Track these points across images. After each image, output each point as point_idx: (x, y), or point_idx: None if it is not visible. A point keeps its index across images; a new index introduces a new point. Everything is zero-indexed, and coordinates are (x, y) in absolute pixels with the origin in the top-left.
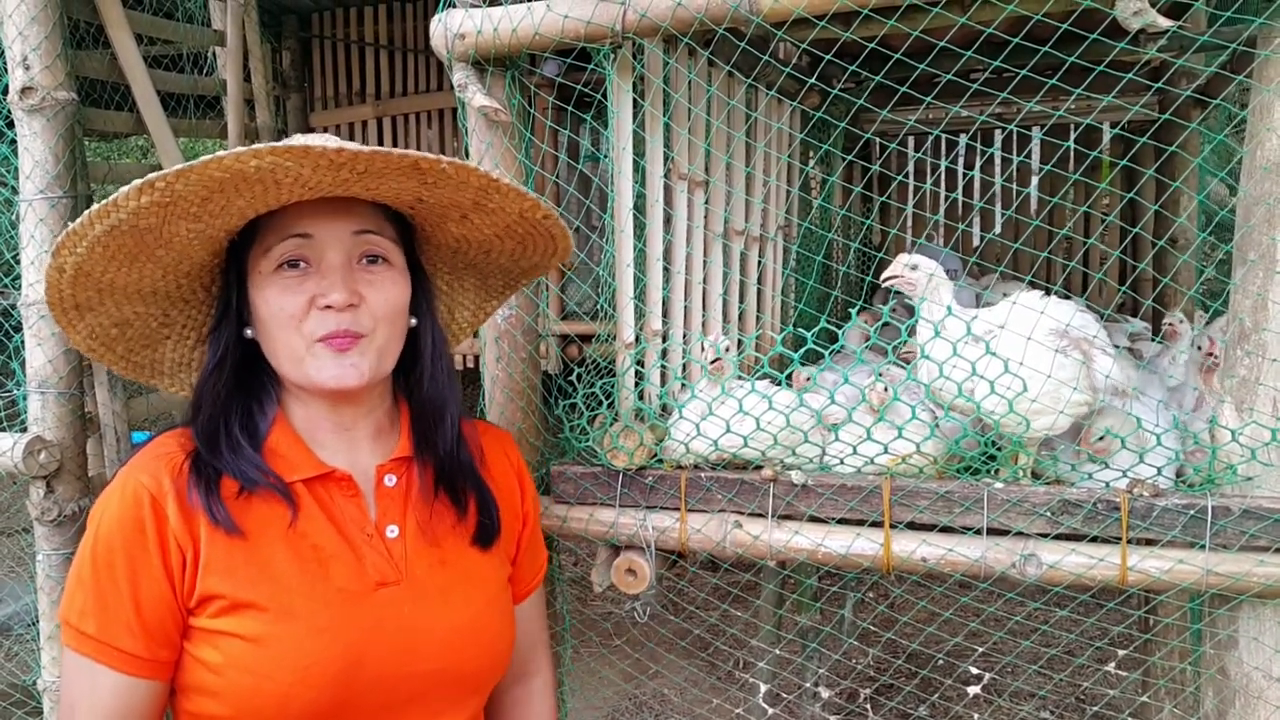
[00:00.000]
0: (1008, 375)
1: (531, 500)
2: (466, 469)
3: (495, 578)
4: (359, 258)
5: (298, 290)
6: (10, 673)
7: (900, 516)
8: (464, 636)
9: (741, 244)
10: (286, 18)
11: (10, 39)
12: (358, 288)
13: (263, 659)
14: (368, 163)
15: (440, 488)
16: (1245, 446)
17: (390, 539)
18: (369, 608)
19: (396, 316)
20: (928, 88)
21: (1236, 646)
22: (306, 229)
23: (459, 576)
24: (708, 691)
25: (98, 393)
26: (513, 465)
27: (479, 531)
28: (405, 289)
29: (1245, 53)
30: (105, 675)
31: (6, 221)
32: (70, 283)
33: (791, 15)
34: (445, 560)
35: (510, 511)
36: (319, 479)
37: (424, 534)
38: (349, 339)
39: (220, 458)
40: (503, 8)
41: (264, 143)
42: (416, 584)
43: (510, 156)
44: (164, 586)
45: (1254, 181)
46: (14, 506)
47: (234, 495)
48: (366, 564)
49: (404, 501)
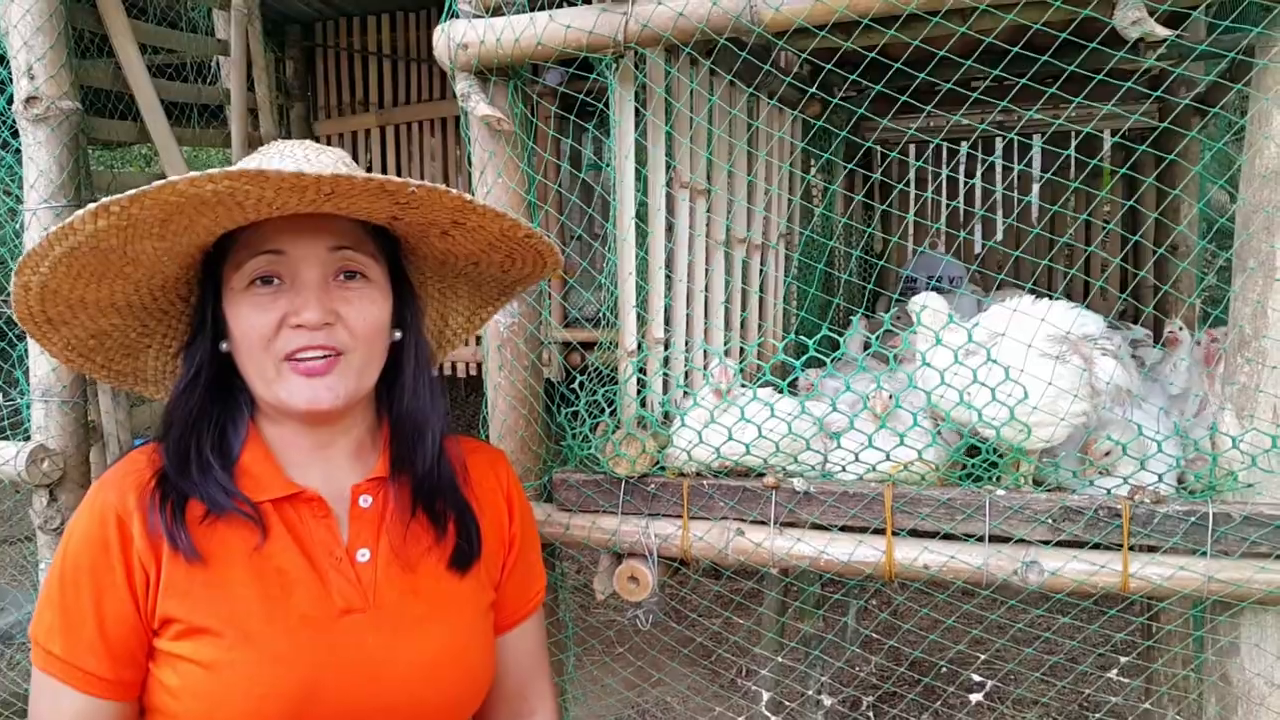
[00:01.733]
0: (1008, 383)
1: (521, 524)
2: (447, 488)
3: (472, 604)
4: (336, 274)
5: (269, 308)
6: (13, 681)
7: (902, 523)
8: (434, 667)
9: (743, 252)
10: (290, 27)
11: (15, 49)
12: (334, 305)
13: (217, 686)
14: (332, 185)
15: (418, 507)
16: (1246, 453)
17: (361, 563)
18: (331, 636)
19: (375, 335)
20: (928, 96)
21: (1238, 653)
22: (280, 245)
23: (431, 603)
24: (710, 699)
25: (101, 401)
26: (501, 486)
27: (456, 554)
28: (385, 305)
29: (1244, 61)
30: (68, 695)
31: (11, 231)
32: (38, 300)
33: (793, 25)
34: (417, 587)
35: (494, 535)
36: (288, 499)
37: (397, 558)
38: (326, 360)
39: (188, 479)
40: (505, 18)
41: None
42: (384, 612)
43: (513, 165)
44: (128, 607)
45: (1253, 189)
46: (16, 515)
47: (199, 518)
48: (332, 590)
49: (379, 523)
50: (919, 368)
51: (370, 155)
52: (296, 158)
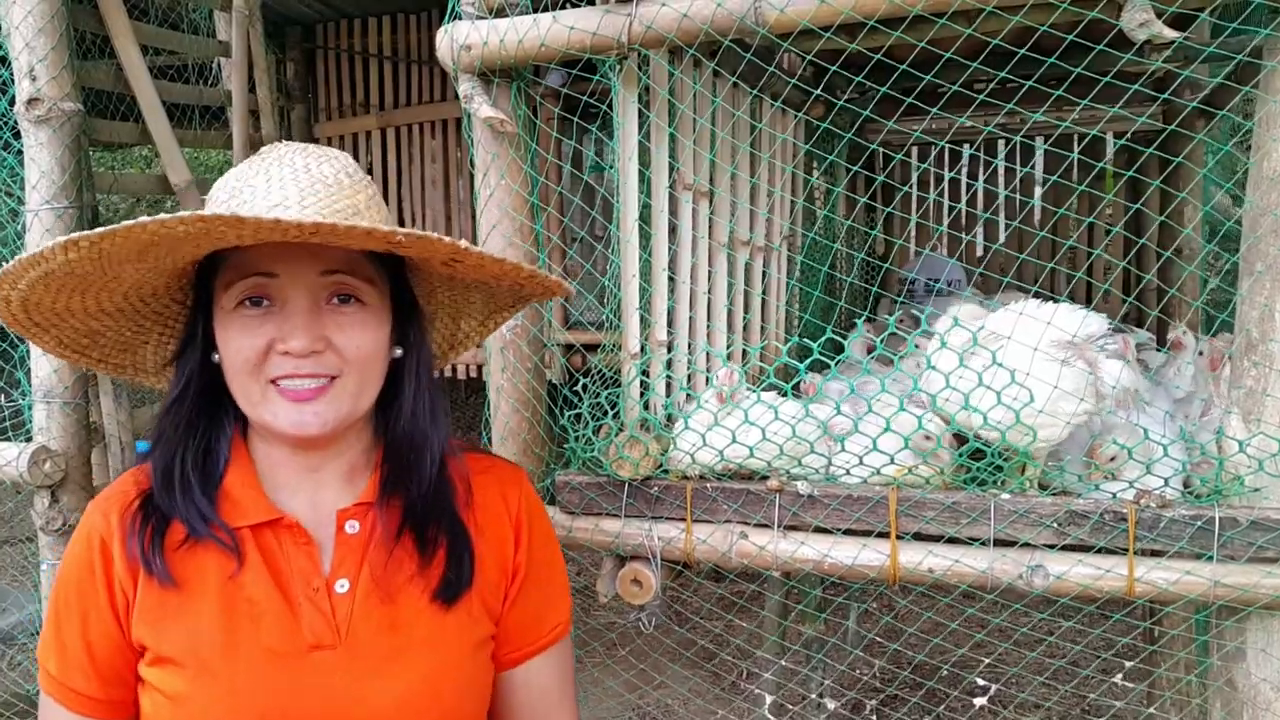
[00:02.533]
0: (1013, 386)
1: (531, 551)
2: (443, 512)
3: (459, 639)
4: (329, 298)
5: (257, 332)
6: (14, 682)
7: (906, 527)
8: (404, 708)
9: (746, 254)
10: (291, 29)
11: (17, 50)
12: (325, 331)
13: (179, 718)
14: (313, 229)
15: (405, 532)
16: (1253, 458)
17: (339, 595)
18: (297, 672)
19: (369, 361)
20: (933, 98)
21: (1244, 658)
22: (270, 267)
23: (409, 638)
24: (712, 702)
25: (103, 402)
26: (509, 510)
27: (441, 585)
28: (381, 329)
29: (1250, 63)
30: (63, 715)
31: (12, 232)
32: (20, 309)
33: (798, 27)
34: (396, 620)
35: (495, 563)
36: (269, 525)
37: (377, 589)
38: (315, 387)
39: (171, 499)
40: (509, 19)
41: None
42: (356, 648)
43: (516, 167)
44: (113, 627)
45: (1260, 193)
46: (18, 516)
47: (179, 542)
48: (303, 623)
49: (363, 551)
50: (925, 371)
51: (371, 157)
52: (296, 168)
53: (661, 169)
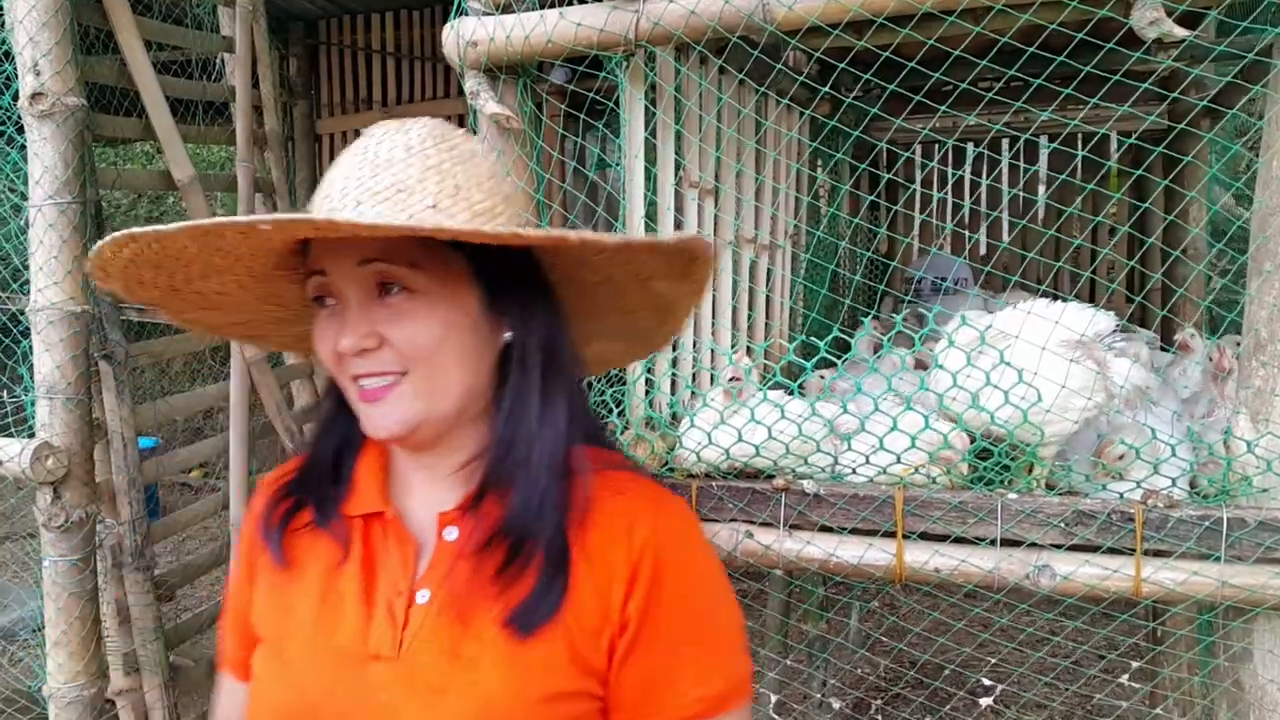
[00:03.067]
0: (1021, 385)
1: (646, 605)
2: (544, 528)
3: (524, 683)
4: (378, 290)
5: (326, 332)
6: (15, 678)
7: (913, 527)
8: None
9: (752, 252)
10: (294, 24)
11: (21, 45)
12: (376, 326)
13: (254, 694)
14: (364, 230)
15: (495, 544)
16: (1261, 458)
17: (418, 604)
18: (354, 678)
19: (430, 353)
20: (940, 96)
21: (1251, 659)
22: (321, 264)
23: (469, 672)
24: None
25: (105, 399)
26: (632, 549)
27: (519, 609)
28: (438, 317)
29: (1259, 62)
30: (223, 678)
31: (15, 227)
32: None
33: (806, 23)
34: (459, 648)
35: (596, 605)
36: (377, 516)
37: (453, 603)
38: (384, 385)
39: (309, 485)
40: (515, 15)
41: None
42: (411, 668)
43: (522, 164)
44: (246, 593)
45: (1269, 192)
46: (19, 512)
47: (304, 525)
48: (372, 628)
49: (452, 561)
50: (932, 370)
51: None
52: (360, 150)
53: (667, 166)
